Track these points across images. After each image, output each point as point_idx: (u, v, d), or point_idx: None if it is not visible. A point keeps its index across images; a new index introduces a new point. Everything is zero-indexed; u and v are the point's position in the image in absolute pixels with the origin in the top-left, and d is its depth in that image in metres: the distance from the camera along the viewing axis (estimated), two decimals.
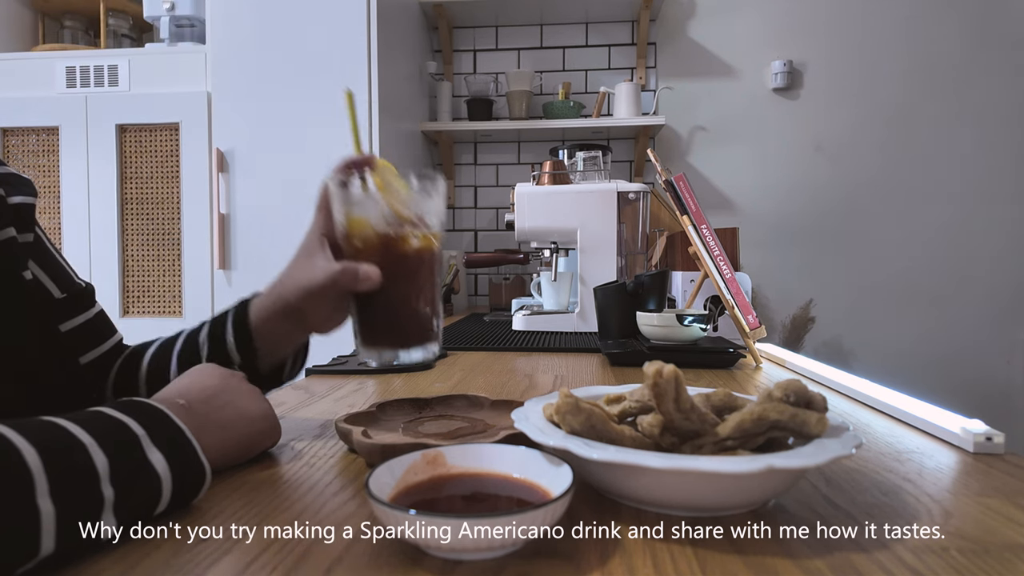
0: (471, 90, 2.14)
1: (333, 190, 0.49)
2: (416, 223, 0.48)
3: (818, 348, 2.09)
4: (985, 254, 2.07)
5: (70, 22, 2.04)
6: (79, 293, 0.55)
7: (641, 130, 2.05)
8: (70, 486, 0.29)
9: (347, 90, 0.52)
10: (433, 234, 0.49)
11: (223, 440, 0.42)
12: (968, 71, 2.06)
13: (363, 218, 0.47)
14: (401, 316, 0.49)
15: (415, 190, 0.48)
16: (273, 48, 1.62)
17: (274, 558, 0.30)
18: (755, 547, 0.32)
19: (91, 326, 0.55)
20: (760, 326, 0.91)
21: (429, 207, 0.49)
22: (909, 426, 0.57)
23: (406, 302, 0.49)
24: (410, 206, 0.48)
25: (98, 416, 0.33)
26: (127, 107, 1.67)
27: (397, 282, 0.48)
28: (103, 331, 0.57)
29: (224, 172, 1.64)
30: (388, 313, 0.49)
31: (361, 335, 0.50)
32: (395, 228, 0.47)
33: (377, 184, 0.47)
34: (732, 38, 2.14)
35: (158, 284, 1.69)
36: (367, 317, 0.50)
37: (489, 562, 0.30)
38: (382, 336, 0.49)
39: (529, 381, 0.81)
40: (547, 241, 1.41)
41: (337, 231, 0.49)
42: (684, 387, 0.37)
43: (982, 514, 0.36)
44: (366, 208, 0.47)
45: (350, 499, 0.38)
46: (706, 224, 0.98)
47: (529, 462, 0.37)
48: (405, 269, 0.48)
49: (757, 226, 2.11)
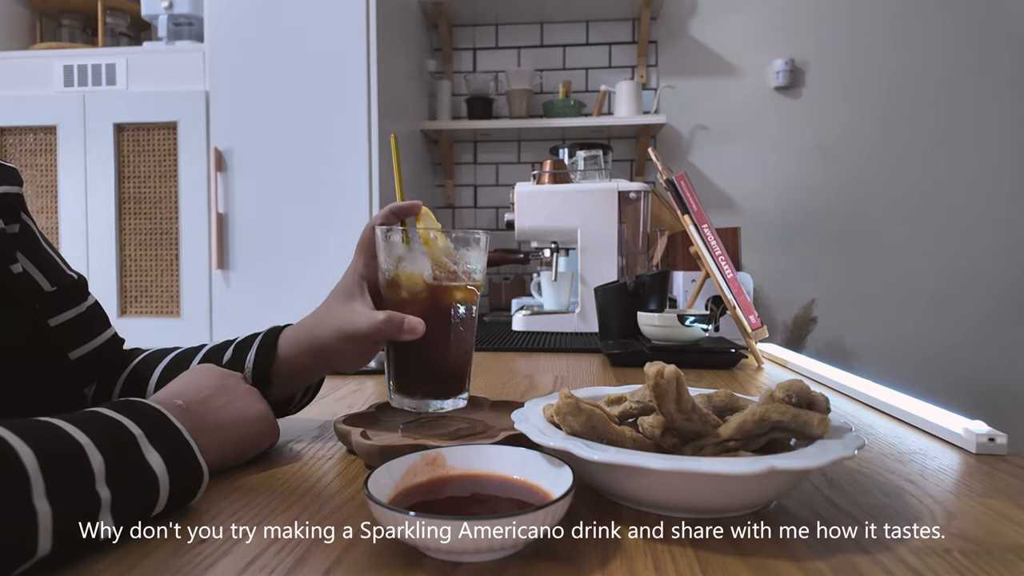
0: (471, 89, 2.13)
1: (382, 239, 0.49)
2: (461, 276, 0.49)
3: (820, 349, 2.09)
4: (988, 253, 2.06)
5: (68, 20, 2.03)
6: (70, 286, 0.53)
7: (642, 129, 2.04)
8: (67, 486, 0.28)
9: (393, 135, 0.53)
10: (476, 284, 0.50)
11: (221, 441, 0.42)
12: (969, 70, 2.06)
13: (413, 271, 0.48)
14: (439, 368, 0.50)
15: (461, 242, 0.49)
16: (272, 46, 1.62)
17: (273, 559, 0.30)
18: (756, 548, 0.31)
19: (83, 320, 0.54)
20: (762, 326, 0.91)
21: (473, 259, 0.49)
22: (911, 427, 0.57)
23: (445, 355, 0.49)
24: (457, 259, 0.48)
25: (95, 416, 0.33)
26: (125, 106, 1.67)
27: (439, 335, 0.49)
28: (95, 326, 0.55)
29: (222, 171, 1.64)
30: (426, 364, 0.49)
31: (396, 382, 0.50)
32: (442, 282, 0.48)
33: (423, 238, 0.48)
34: (733, 37, 2.13)
35: (156, 284, 1.69)
36: (404, 366, 0.50)
37: (489, 564, 0.30)
38: (418, 386, 0.49)
39: (529, 382, 0.81)
40: (547, 241, 1.40)
41: (381, 278, 0.49)
42: (685, 388, 0.37)
43: (985, 515, 0.36)
44: (416, 261, 0.48)
45: (349, 500, 0.38)
46: (707, 224, 0.98)
47: (529, 463, 0.37)
48: (448, 322, 0.49)
49: (759, 226, 2.11)
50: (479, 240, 0.49)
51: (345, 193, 1.61)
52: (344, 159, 1.61)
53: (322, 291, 0.53)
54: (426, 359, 0.49)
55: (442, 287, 0.48)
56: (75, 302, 0.53)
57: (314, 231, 1.61)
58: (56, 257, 0.53)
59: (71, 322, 0.53)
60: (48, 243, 0.53)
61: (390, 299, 0.49)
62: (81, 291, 0.54)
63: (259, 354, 0.51)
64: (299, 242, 1.61)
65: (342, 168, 1.61)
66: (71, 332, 0.53)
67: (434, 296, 0.48)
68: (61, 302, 0.52)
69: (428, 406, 0.49)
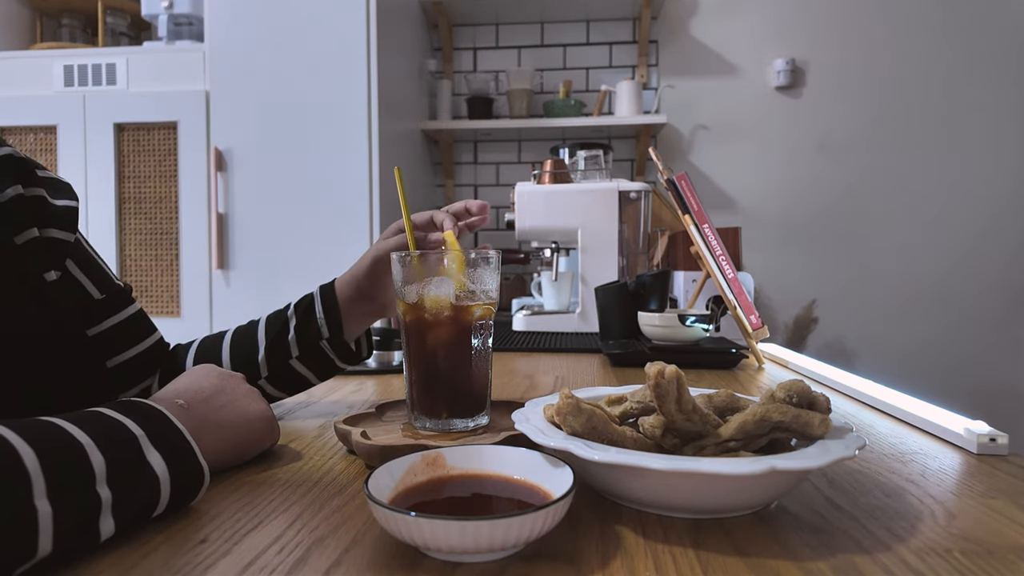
0: (471, 88, 2.13)
1: (407, 262, 0.49)
2: (480, 296, 0.49)
3: (821, 349, 2.09)
4: (989, 254, 2.06)
5: (68, 20, 2.03)
6: (117, 293, 0.56)
7: (642, 129, 2.04)
8: (67, 487, 0.28)
9: (396, 168, 0.55)
10: (493, 302, 0.51)
11: (222, 441, 0.42)
12: (970, 70, 2.06)
13: (439, 294, 0.48)
14: (463, 386, 0.50)
15: (478, 262, 0.49)
16: (272, 46, 1.62)
17: (273, 559, 0.30)
18: (757, 549, 0.31)
19: (126, 326, 0.56)
20: (763, 326, 0.91)
21: (490, 278, 0.50)
22: (912, 427, 0.57)
23: (468, 373, 0.50)
24: (475, 279, 0.49)
25: (97, 416, 0.33)
26: (125, 106, 1.67)
27: (462, 354, 0.49)
28: (140, 331, 0.58)
29: (222, 171, 1.64)
30: (452, 383, 0.50)
31: (419, 404, 0.50)
32: (464, 302, 0.49)
33: (459, 261, 0.49)
34: (734, 36, 2.13)
35: (156, 284, 1.69)
36: (427, 387, 0.50)
37: (489, 564, 0.30)
38: (442, 406, 0.49)
39: (530, 382, 0.81)
40: (548, 241, 1.40)
41: (403, 301, 0.50)
42: (686, 388, 0.37)
43: (986, 516, 0.36)
44: (442, 284, 0.49)
45: (349, 500, 0.38)
46: (708, 223, 0.98)
47: (530, 463, 0.37)
48: (470, 342, 0.49)
49: (759, 225, 2.11)
50: (491, 259, 0.50)
51: (345, 193, 1.61)
52: (344, 159, 1.60)
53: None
54: (451, 378, 0.50)
55: (465, 307, 0.49)
56: (120, 308, 0.56)
57: (314, 231, 1.61)
58: (104, 267, 0.56)
59: (116, 327, 0.55)
60: (96, 253, 0.56)
61: (413, 321, 0.49)
62: (126, 298, 0.57)
63: (325, 304, 0.58)
64: (299, 242, 1.61)
65: (342, 168, 1.61)
66: (115, 337, 0.55)
67: (458, 316, 0.49)
68: (109, 308, 0.55)
69: (453, 426, 0.49)
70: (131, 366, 0.56)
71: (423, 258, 0.49)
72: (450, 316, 0.49)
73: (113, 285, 0.55)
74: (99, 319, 0.54)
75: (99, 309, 0.54)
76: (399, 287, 0.50)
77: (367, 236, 1.60)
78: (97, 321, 0.54)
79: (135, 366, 0.57)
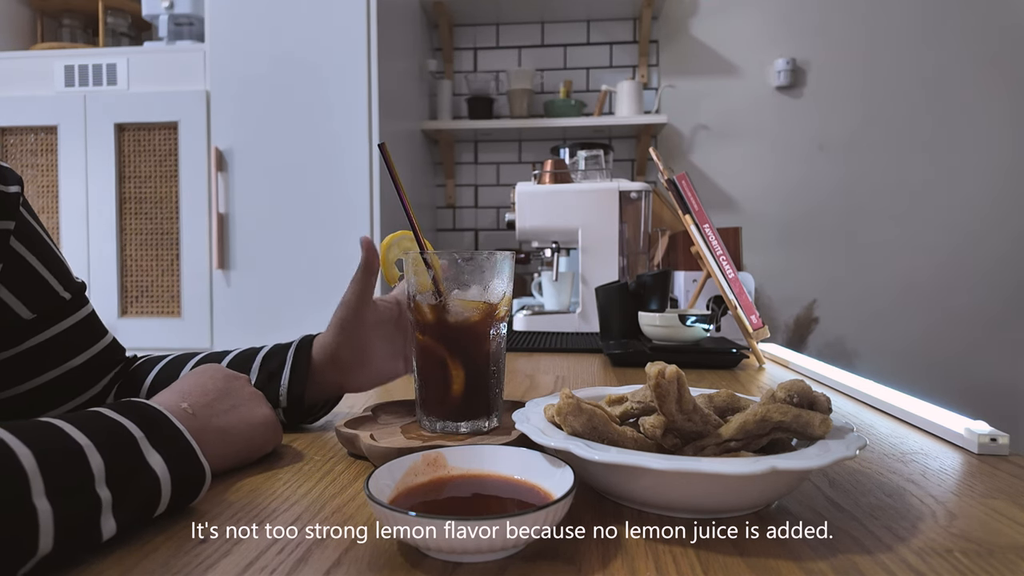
0: (471, 88, 2.13)
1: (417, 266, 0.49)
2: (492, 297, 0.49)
3: (822, 349, 2.09)
4: (990, 253, 2.06)
5: (68, 20, 2.03)
6: (78, 291, 0.53)
7: (643, 129, 2.04)
8: (66, 487, 0.28)
9: (380, 144, 0.53)
10: (507, 303, 0.50)
11: (224, 445, 0.41)
12: (971, 70, 2.06)
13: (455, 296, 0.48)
14: (469, 389, 0.49)
15: (488, 266, 0.49)
16: (272, 46, 1.62)
17: (273, 559, 0.30)
18: (758, 549, 0.31)
19: (86, 325, 0.54)
20: (763, 326, 0.91)
21: (505, 278, 0.49)
22: (913, 427, 0.57)
23: (484, 374, 0.49)
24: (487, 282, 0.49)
25: (96, 417, 0.33)
26: (126, 106, 1.67)
27: (479, 355, 0.49)
28: (97, 330, 0.55)
29: (223, 171, 1.64)
30: (459, 385, 0.49)
31: (428, 403, 0.50)
32: (475, 305, 0.48)
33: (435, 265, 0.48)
34: (735, 36, 2.13)
35: (156, 284, 1.69)
36: (437, 391, 0.50)
37: (489, 564, 0.29)
38: (449, 407, 0.49)
39: (530, 382, 0.81)
40: (548, 241, 1.40)
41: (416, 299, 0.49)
42: (686, 388, 0.37)
43: (987, 516, 0.36)
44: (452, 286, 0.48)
45: (350, 501, 0.38)
46: (709, 223, 0.97)
47: (530, 463, 0.37)
48: (487, 342, 0.49)
49: (760, 225, 2.11)
50: (506, 260, 0.50)
51: (345, 193, 1.61)
52: (344, 159, 1.60)
53: (322, 291, 0.53)
54: (462, 380, 0.49)
55: (479, 308, 0.48)
56: (80, 305, 0.53)
57: (314, 231, 1.61)
58: (64, 262, 0.53)
59: (77, 326, 0.53)
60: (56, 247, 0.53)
61: (424, 321, 0.49)
62: (83, 297, 0.55)
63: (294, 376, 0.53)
64: (299, 242, 1.61)
65: (342, 168, 1.61)
66: (78, 336, 0.53)
67: (471, 317, 0.48)
68: (74, 307, 0.52)
69: (458, 428, 0.49)
70: (84, 370, 0.53)
71: (428, 256, 0.48)
72: (464, 317, 0.48)
73: (74, 284, 0.53)
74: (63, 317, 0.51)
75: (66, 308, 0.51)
76: (410, 286, 0.49)
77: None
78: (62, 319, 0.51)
79: (87, 370, 0.53)
